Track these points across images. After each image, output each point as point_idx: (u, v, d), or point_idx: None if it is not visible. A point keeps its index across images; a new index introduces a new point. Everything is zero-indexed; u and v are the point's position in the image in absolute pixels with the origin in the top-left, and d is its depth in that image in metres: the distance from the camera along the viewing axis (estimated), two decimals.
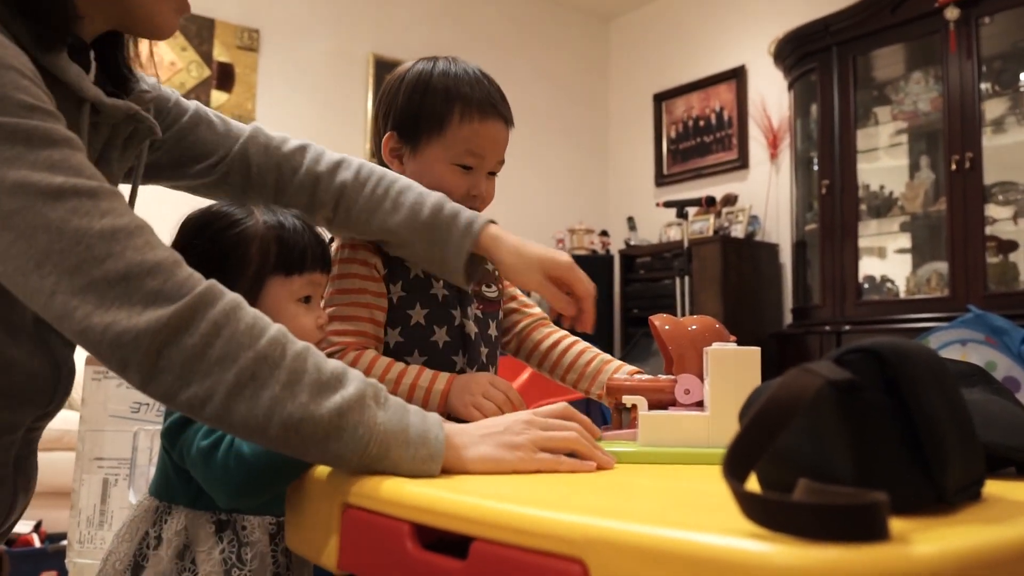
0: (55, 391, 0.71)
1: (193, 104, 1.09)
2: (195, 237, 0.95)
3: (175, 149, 1.07)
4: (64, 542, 2.07)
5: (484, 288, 1.23)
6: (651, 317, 1.08)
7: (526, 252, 1.08)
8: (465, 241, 1.08)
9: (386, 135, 1.20)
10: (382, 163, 1.22)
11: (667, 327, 1.05)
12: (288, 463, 0.79)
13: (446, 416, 1.05)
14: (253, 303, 0.86)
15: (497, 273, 1.27)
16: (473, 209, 1.17)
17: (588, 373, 1.27)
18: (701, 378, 0.98)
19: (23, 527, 2.54)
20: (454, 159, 1.16)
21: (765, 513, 0.46)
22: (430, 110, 1.16)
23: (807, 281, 4.17)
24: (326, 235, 1.10)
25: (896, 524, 0.45)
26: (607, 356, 1.30)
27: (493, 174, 1.22)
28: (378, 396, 0.75)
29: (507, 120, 1.20)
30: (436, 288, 1.16)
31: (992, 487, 0.62)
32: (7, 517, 0.89)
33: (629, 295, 4.86)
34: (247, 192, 1.12)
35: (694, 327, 1.05)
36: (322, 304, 1.13)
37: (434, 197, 1.10)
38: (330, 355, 1.08)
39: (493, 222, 1.11)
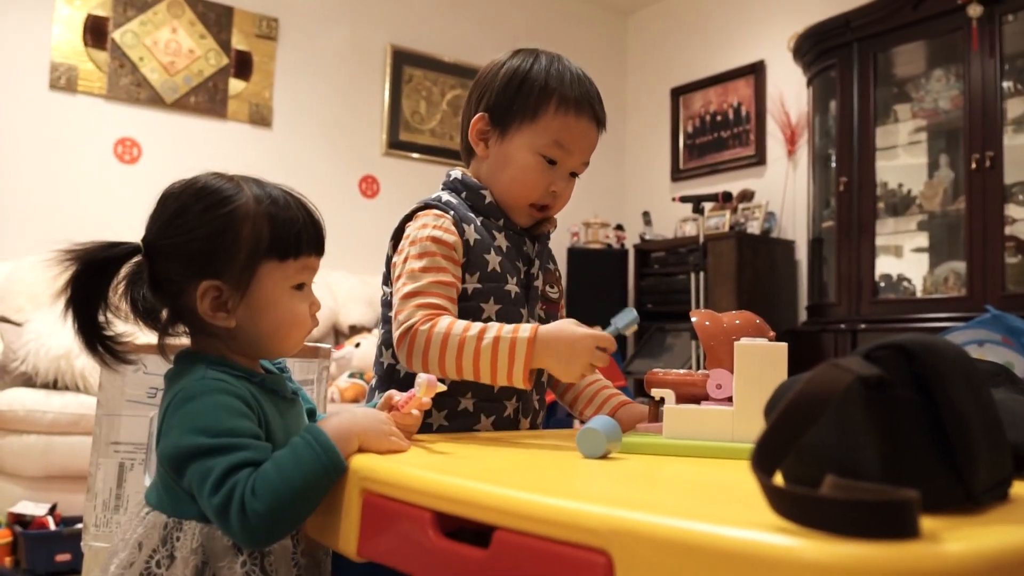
0: None
1: None
2: (179, 215, 0.87)
3: None
4: (79, 525, 2.09)
5: (548, 288, 1.23)
6: (692, 312, 1.07)
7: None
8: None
9: (476, 116, 1.18)
10: (467, 146, 1.20)
11: (707, 323, 1.04)
12: (304, 504, 0.79)
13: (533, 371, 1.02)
14: (245, 291, 0.86)
15: (558, 274, 1.27)
16: (549, 209, 1.18)
17: (585, 395, 1.26)
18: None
19: (38, 510, 2.56)
20: (541, 149, 1.15)
21: (794, 508, 0.46)
22: (526, 97, 1.15)
23: (823, 279, 4.14)
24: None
25: (924, 522, 0.44)
26: (612, 388, 1.27)
27: (575, 175, 1.20)
28: None
29: (600, 122, 1.20)
30: (510, 284, 1.15)
31: (1019, 488, 0.61)
32: None
33: (643, 290, 4.84)
34: None
35: (738, 322, 1.04)
36: (396, 274, 1.11)
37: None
38: (407, 328, 1.04)
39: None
